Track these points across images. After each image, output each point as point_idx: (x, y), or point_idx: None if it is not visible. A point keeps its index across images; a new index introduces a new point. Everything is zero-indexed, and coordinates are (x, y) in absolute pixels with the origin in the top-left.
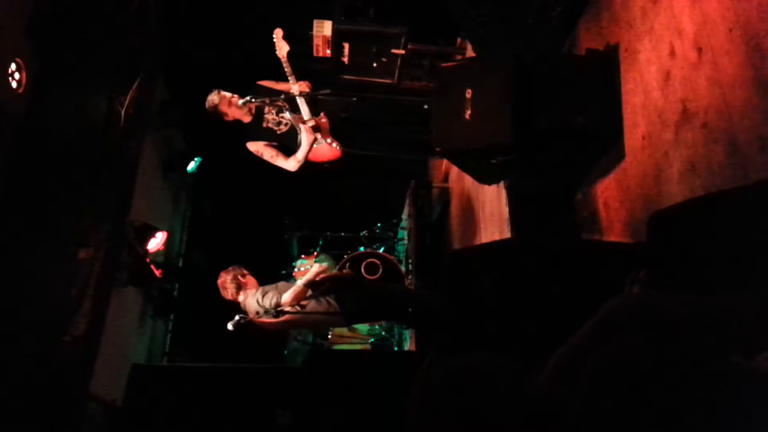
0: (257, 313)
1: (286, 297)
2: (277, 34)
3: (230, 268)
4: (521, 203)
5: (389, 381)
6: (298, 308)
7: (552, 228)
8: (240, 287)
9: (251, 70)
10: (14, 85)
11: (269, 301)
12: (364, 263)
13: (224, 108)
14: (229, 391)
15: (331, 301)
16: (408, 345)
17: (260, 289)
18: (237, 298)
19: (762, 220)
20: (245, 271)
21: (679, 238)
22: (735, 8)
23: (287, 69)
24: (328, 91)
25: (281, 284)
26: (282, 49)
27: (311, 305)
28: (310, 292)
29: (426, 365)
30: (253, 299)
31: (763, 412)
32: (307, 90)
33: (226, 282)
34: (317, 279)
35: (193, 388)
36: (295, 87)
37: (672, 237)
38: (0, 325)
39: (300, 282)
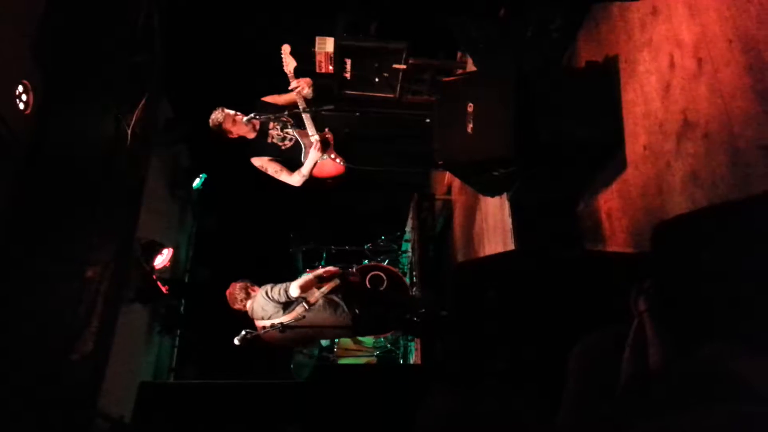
0: (263, 327)
1: (296, 283)
2: (285, 50)
3: (239, 281)
4: (524, 215)
5: (395, 395)
6: (305, 306)
7: (555, 239)
8: (249, 295)
9: (255, 87)
10: (22, 106)
11: (278, 291)
12: (368, 276)
13: (228, 125)
14: (236, 407)
15: (340, 302)
16: (413, 358)
17: (266, 286)
18: (245, 306)
19: (764, 231)
20: (255, 286)
21: (682, 250)
22: (734, 19)
23: (293, 85)
24: (331, 106)
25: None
26: (289, 64)
27: (321, 316)
28: (318, 293)
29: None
30: (260, 298)
31: None
32: (307, 87)
33: (235, 290)
34: (325, 275)
35: (200, 404)
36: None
37: (676, 248)
38: (9, 344)
39: (311, 274)
